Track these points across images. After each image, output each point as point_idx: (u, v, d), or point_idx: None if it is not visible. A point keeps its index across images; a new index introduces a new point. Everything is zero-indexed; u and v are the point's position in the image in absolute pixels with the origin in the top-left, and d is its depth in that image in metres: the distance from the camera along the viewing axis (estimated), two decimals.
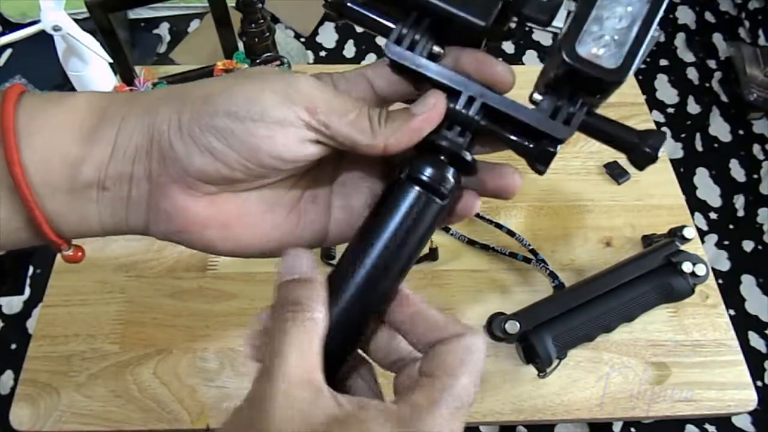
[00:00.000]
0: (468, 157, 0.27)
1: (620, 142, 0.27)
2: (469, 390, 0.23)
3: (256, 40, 0.82)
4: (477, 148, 0.30)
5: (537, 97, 0.27)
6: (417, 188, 0.26)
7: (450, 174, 0.27)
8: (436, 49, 0.27)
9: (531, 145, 0.27)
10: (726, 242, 1.49)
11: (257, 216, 0.28)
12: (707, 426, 1.23)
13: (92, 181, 0.26)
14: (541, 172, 0.28)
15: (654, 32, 0.26)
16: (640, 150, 0.27)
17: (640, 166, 0.27)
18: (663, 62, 1.84)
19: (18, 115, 0.25)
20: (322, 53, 1.82)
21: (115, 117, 0.25)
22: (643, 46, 0.26)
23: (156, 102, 0.26)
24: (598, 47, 0.26)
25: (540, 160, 0.28)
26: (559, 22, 0.29)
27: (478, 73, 0.27)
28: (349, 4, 0.28)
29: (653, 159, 0.27)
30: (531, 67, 1.51)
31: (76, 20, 0.70)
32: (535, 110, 0.27)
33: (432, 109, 0.26)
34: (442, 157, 0.27)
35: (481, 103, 0.27)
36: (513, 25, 0.28)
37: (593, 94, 0.27)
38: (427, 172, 0.26)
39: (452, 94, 0.27)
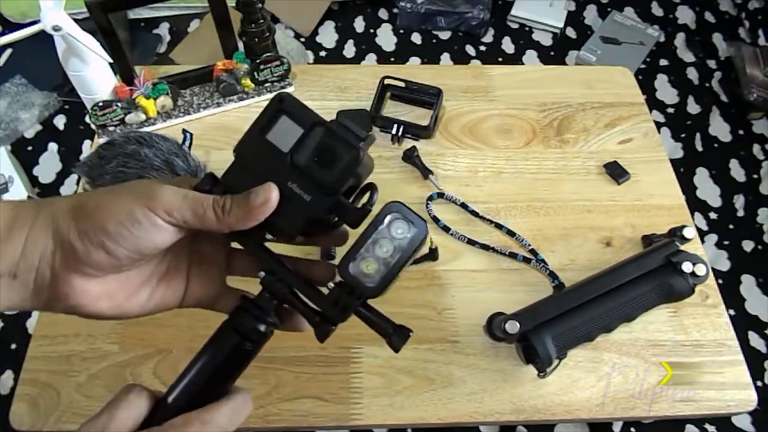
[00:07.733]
0: (263, 329, 0.37)
1: (379, 331, 0.37)
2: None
3: (256, 40, 0.82)
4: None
5: (331, 285, 0.37)
6: (236, 336, 0.37)
7: (260, 327, 0.37)
8: (269, 236, 0.38)
9: (318, 320, 0.37)
10: (726, 242, 1.49)
11: (136, 288, 0.38)
12: (707, 426, 1.23)
13: (5, 272, 0.33)
14: (321, 341, 0.37)
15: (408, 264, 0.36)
16: (389, 340, 0.37)
17: (394, 349, 0.37)
18: (663, 62, 1.84)
19: None
20: (322, 53, 1.82)
21: (24, 224, 0.34)
22: (400, 273, 0.36)
23: (57, 214, 0.34)
24: (365, 268, 0.36)
25: (321, 334, 0.37)
26: (559, 22, 0.29)
27: (293, 265, 0.39)
28: None
29: (397, 350, 0.37)
30: (531, 67, 1.51)
31: (76, 20, 0.70)
32: (323, 298, 0.37)
33: (266, 203, 0.35)
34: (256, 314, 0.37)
35: (289, 286, 0.37)
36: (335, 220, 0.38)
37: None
38: (246, 327, 0.37)
39: (272, 273, 0.37)
